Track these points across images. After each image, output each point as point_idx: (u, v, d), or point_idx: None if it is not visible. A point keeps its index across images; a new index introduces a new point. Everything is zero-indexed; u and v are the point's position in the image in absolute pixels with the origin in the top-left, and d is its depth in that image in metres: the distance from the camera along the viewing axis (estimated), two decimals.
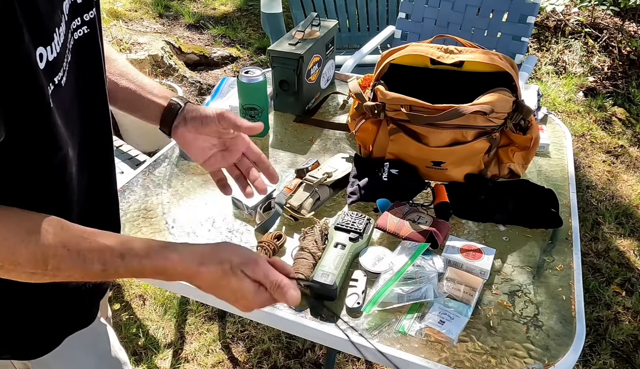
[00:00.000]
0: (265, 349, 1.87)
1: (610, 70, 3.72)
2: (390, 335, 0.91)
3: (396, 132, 1.22)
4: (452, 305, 0.94)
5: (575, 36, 3.99)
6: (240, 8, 4.79)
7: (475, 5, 2.43)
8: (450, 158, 1.21)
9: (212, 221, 1.17)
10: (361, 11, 3.05)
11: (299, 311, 0.96)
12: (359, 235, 1.06)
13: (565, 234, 1.14)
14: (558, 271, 1.05)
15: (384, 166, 1.24)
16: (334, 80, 1.77)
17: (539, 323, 0.94)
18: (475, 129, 1.17)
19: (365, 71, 1.73)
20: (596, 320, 2.02)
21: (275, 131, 1.51)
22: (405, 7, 2.53)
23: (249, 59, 3.97)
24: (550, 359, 0.88)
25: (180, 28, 4.37)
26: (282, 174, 1.32)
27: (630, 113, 3.33)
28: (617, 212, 2.54)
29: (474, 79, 1.21)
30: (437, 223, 1.10)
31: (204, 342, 1.91)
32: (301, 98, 1.54)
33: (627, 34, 3.98)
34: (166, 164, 1.36)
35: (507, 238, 1.12)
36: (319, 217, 1.16)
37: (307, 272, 0.98)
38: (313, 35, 1.54)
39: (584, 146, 3.05)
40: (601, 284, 2.16)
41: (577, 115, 3.30)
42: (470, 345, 0.90)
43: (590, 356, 1.89)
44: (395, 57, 1.25)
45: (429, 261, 1.01)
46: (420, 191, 1.23)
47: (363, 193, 1.20)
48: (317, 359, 1.84)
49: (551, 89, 3.53)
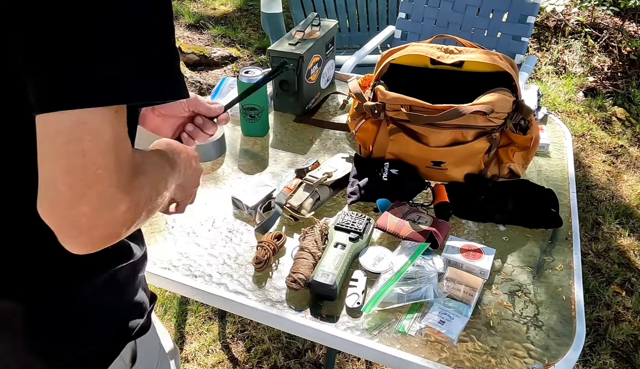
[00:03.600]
0: (265, 349, 1.87)
1: (610, 70, 3.72)
2: (390, 335, 0.91)
3: (396, 132, 1.22)
4: (452, 305, 0.95)
5: (575, 36, 3.99)
6: (240, 8, 4.79)
7: (475, 5, 2.43)
8: (450, 158, 1.21)
9: (212, 220, 1.17)
10: (361, 11, 3.05)
11: (299, 311, 0.96)
12: (359, 235, 1.06)
13: (565, 234, 1.14)
14: (558, 271, 1.05)
15: (384, 166, 1.24)
16: (334, 80, 1.77)
17: (539, 323, 0.94)
18: (475, 129, 1.17)
19: (365, 71, 1.73)
20: (596, 320, 2.02)
21: (275, 131, 1.51)
22: (405, 7, 2.53)
23: (249, 59, 3.97)
24: (550, 359, 0.88)
25: (180, 28, 4.36)
26: (282, 174, 1.32)
27: (630, 113, 3.32)
28: (617, 212, 2.54)
29: (474, 79, 1.21)
30: (437, 223, 1.10)
31: (204, 342, 1.91)
32: (301, 98, 1.54)
33: (627, 34, 3.98)
34: None
35: (507, 238, 1.12)
36: (319, 217, 1.16)
37: (307, 272, 0.98)
38: (313, 35, 1.54)
39: (584, 146, 3.05)
40: (601, 284, 2.16)
41: (577, 115, 3.30)
42: (470, 345, 0.90)
43: (590, 356, 1.89)
44: (395, 57, 1.25)
45: (429, 261, 1.01)
46: (420, 191, 1.23)
47: (363, 193, 1.20)
48: (317, 359, 1.83)
49: (551, 89, 3.53)
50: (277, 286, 1.01)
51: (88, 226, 0.51)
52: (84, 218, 0.51)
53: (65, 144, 0.49)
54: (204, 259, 1.08)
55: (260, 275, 1.04)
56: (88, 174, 0.50)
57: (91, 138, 0.50)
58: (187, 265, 1.06)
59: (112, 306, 0.73)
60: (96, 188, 0.50)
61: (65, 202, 0.50)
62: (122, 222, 0.54)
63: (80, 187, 0.50)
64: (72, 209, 0.50)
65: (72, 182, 0.50)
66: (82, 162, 0.49)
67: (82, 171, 0.50)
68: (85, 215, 0.51)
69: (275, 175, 1.32)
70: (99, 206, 0.51)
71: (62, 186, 0.50)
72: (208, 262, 1.07)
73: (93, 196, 0.50)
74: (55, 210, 0.51)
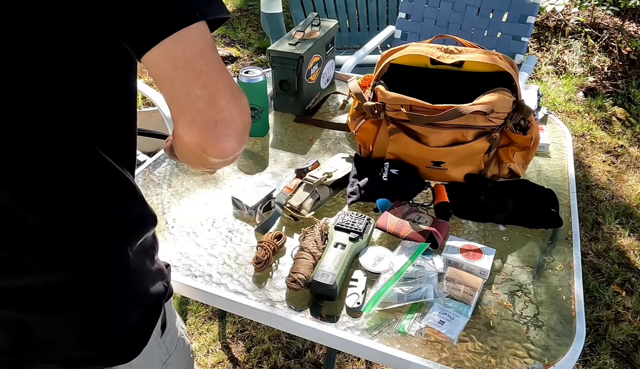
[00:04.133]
0: (265, 349, 1.87)
1: (610, 70, 3.72)
2: (390, 335, 0.91)
3: (396, 132, 1.22)
4: (452, 305, 0.94)
5: (575, 36, 3.99)
6: (240, 8, 4.79)
7: (475, 5, 2.43)
8: (450, 158, 1.21)
9: (212, 220, 1.17)
10: (361, 11, 3.05)
11: (299, 311, 0.96)
12: (359, 235, 1.06)
13: (565, 234, 1.14)
14: (558, 271, 1.05)
15: (384, 166, 1.24)
16: (334, 80, 1.77)
17: (539, 323, 0.94)
18: (475, 129, 1.17)
19: (365, 71, 1.73)
20: (596, 320, 2.02)
21: (275, 131, 1.51)
22: (405, 7, 2.53)
23: (249, 59, 3.97)
24: (550, 359, 0.88)
25: None
26: (282, 174, 1.33)
27: (630, 113, 3.32)
28: (617, 212, 2.54)
29: (474, 79, 1.21)
30: (437, 223, 1.10)
31: (204, 342, 1.91)
32: (301, 98, 1.54)
33: (627, 34, 3.98)
34: (166, 164, 1.36)
35: (507, 238, 1.12)
36: (319, 217, 1.16)
37: (307, 272, 0.98)
38: (313, 35, 1.54)
39: (584, 146, 3.05)
40: (601, 284, 2.16)
41: (577, 115, 3.30)
42: (470, 345, 0.90)
43: (590, 356, 1.89)
44: (395, 57, 1.25)
45: (429, 261, 1.01)
46: (420, 191, 1.23)
47: (363, 193, 1.20)
48: (317, 359, 1.83)
49: (551, 89, 3.53)
50: (277, 286, 1.01)
51: (230, 118, 0.58)
52: (225, 112, 0.57)
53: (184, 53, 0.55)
54: (204, 259, 1.08)
55: (260, 275, 1.04)
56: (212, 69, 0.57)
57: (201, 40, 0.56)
58: (187, 265, 1.06)
59: (147, 268, 0.77)
60: (223, 81, 0.58)
61: (204, 104, 0.57)
62: (248, 111, 0.61)
63: (212, 82, 0.57)
64: (213, 105, 0.57)
65: (204, 82, 0.56)
66: (203, 61, 0.56)
67: (207, 67, 0.56)
68: (225, 107, 0.57)
69: (275, 175, 1.32)
70: (231, 95, 0.58)
71: (197, 91, 0.56)
72: (208, 262, 1.07)
73: (224, 88, 0.58)
74: (198, 118, 0.57)
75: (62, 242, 0.66)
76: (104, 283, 0.70)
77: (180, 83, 0.56)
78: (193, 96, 0.56)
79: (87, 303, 0.70)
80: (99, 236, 0.69)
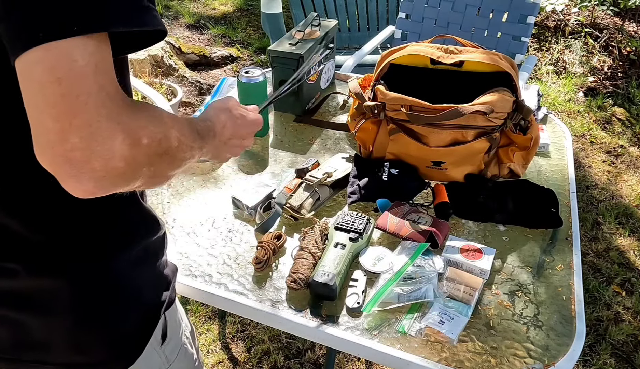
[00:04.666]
0: (265, 349, 1.87)
1: (610, 70, 3.72)
2: (390, 335, 0.91)
3: (396, 132, 1.22)
4: (452, 305, 0.94)
5: (575, 36, 3.99)
6: (240, 8, 4.79)
7: (475, 5, 2.43)
8: (450, 158, 1.21)
9: (212, 220, 1.17)
10: (361, 11, 3.05)
11: (299, 311, 0.96)
12: (359, 235, 1.06)
13: (565, 234, 1.14)
14: (558, 271, 1.05)
15: (384, 166, 1.24)
16: (334, 80, 1.77)
17: (539, 323, 0.94)
18: (475, 129, 1.17)
19: (365, 71, 1.73)
20: (596, 320, 2.02)
21: (275, 131, 1.51)
22: (405, 7, 2.53)
23: (249, 59, 3.97)
24: (550, 359, 0.88)
25: (180, 28, 4.36)
26: (282, 174, 1.32)
27: (630, 113, 3.32)
28: (617, 212, 2.54)
29: (474, 79, 1.21)
30: (437, 223, 1.10)
31: (204, 342, 1.91)
32: (301, 98, 1.54)
33: (627, 34, 3.98)
34: None
35: (507, 238, 1.12)
36: (319, 217, 1.16)
37: (307, 272, 0.98)
38: (313, 35, 1.54)
39: (584, 146, 3.05)
40: (601, 284, 2.16)
41: (577, 115, 3.30)
42: (470, 345, 0.90)
43: (590, 356, 1.89)
44: (395, 57, 1.25)
45: (429, 261, 1.01)
46: (420, 191, 1.23)
47: (363, 193, 1.20)
48: (317, 359, 1.83)
49: (551, 89, 3.53)
50: (277, 286, 1.01)
51: (83, 160, 0.49)
52: (76, 151, 0.49)
53: (41, 76, 0.48)
54: (204, 259, 1.08)
55: (260, 275, 1.04)
56: (69, 102, 0.48)
57: (64, 64, 0.48)
58: (187, 265, 1.06)
59: (147, 277, 0.75)
60: (82, 117, 0.49)
61: (55, 137, 0.49)
62: (121, 156, 0.51)
63: (65, 117, 0.48)
64: (63, 142, 0.49)
65: (57, 114, 0.48)
66: (59, 90, 0.48)
67: (62, 99, 0.48)
68: (77, 147, 0.49)
69: (275, 175, 1.32)
70: (89, 135, 0.49)
71: (48, 122, 0.49)
72: (208, 262, 1.07)
73: (81, 125, 0.49)
74: (48, 150, 0.50)
75: (49, 250, 0.65)
76: (95, 290, 0.69)
77: (34, 108, 0.49)
78: (44, 126, 0.49)
79: (78, 309, 0.69)
80: (88, 244, 0.67)
